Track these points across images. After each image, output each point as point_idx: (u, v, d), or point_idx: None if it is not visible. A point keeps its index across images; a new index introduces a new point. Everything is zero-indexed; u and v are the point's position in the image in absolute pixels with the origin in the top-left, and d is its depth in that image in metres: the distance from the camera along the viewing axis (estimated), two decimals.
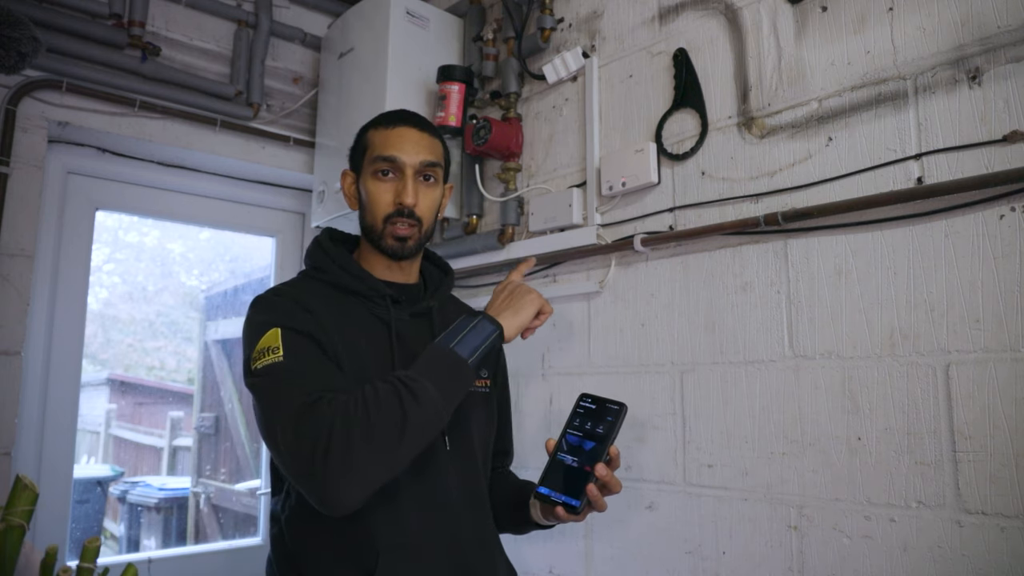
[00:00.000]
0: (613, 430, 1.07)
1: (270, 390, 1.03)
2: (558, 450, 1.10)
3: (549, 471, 1.09)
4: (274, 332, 1.06)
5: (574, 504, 1.04)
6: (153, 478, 2.99)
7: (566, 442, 1.10)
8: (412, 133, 1.23)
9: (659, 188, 1.62)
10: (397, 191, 1.20)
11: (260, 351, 1.05)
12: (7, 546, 0.96)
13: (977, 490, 1.11)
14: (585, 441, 1.08)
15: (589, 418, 1.10)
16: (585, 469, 1.05)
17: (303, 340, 1.07)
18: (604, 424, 1.08)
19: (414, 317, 1.23)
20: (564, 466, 1.08)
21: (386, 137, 1.22)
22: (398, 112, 1.28)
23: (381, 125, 1.25)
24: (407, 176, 1.20)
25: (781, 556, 1.33)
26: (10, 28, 1.51)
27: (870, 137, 1.29)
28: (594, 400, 1.12)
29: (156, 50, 2.06)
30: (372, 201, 1.21)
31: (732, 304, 1.46)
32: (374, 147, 1.23)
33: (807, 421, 1.32)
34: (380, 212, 1.21)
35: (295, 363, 1.04)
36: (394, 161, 1.20)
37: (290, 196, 2.52)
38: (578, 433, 1.10)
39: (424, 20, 2.10)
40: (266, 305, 1.14)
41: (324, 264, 1.22)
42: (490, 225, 2.04)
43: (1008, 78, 1.13)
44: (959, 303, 1.16)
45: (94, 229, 2.12)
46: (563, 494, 1.05)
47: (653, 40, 1.68)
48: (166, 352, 2.92)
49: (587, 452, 1.07)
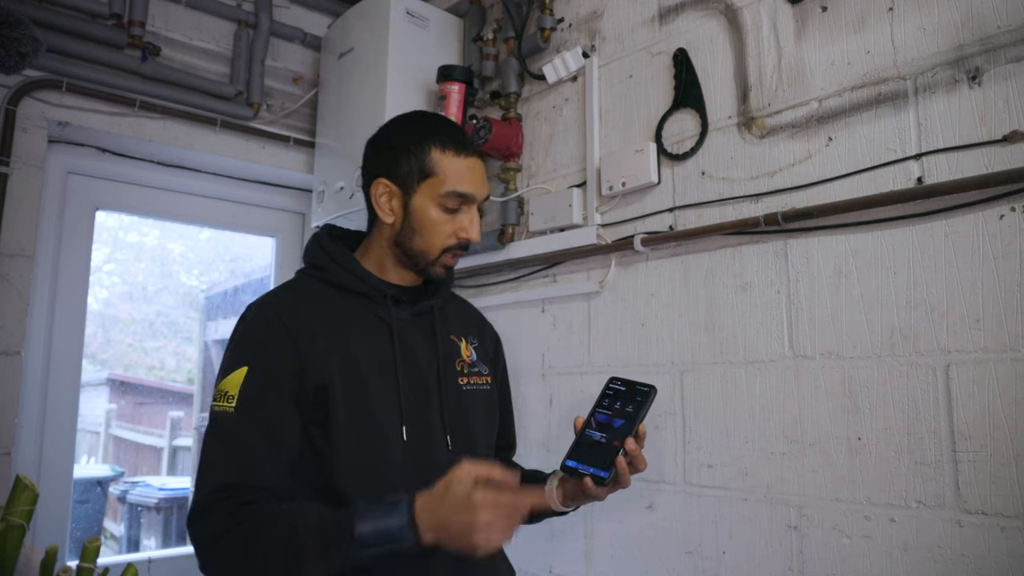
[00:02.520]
0: (642, 409, 1.10)
1: (208, 442, 1.07)
2: (586, 427, 1.12)
3: (577, 446, 1.11)
4: (239, 374, 1.07)
5: (603, 475, 1.06)
6: (153, 478, 2.99)
7: (595, 420, 1.12)
8: (480, 166, 1.21)
9: (659, 188, 1.62)
10: (462, 224, 1.18)
11: (221, 390, 1.08)
12: (7, 546, 0.96)
13: (977, 490, 1.11)
14: (614, 419, 1.11)
15: (618, 399, 1.13)
16: (614, 444, 1.08)
17: (263, 392, 1.07)
18: (633, 404, 1.11)
19: (415, 316, 1.23)
20: (592, 442, 1.10)
21: (462, 170, 1.17)
22: (464, 135, 1.23)
23: (450, 149, 1.17)
24: (474, 212, 1.20)
25: (781, 556, 1.33)
26: (10, 28, 1.51)
27: (870, 137, 1.29)
28: (624, 383, 1.15)
29: (156, 50, 2.06)
30: (433, 231, 1.18)
31: (732, 304, 1.46)
32: (446, 177, 1.16)
33: (807, 421, 1.32)
34: (440, 243, 1.18)
35: (240, 425, 1.05)
36: (470, 200, 1.18)
37: (290, 196, 2.52)
38: (607, 412, 1.12)
39: (424, 20, 2.10)
40: (248, 331, 1.14)
41: (324, 263, 1.21)
42: (490, 225, 2.04)
43: (1008, 78, 1.13)
44: (959, 303, 1.16)
45: (94, 229, 2.12)
46: (591, 466, 1.07)
47: (653, 40, 1.68)
48: (166, 352, 2.92)
49: (616, 429, 1.09)
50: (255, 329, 1.13)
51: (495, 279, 2.01)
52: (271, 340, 1.10)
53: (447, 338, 1.26)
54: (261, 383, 1.07)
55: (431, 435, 1.15)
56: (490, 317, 2.02)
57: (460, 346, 1.28)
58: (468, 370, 1.26)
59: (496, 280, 2.00)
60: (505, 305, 1.96)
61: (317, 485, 1.09)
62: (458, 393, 1.22)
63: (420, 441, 1.14)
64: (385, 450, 1.11)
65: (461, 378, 1.24)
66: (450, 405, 1.19)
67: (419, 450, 1.13)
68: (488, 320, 1.43)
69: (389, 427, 1.12)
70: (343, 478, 1.08)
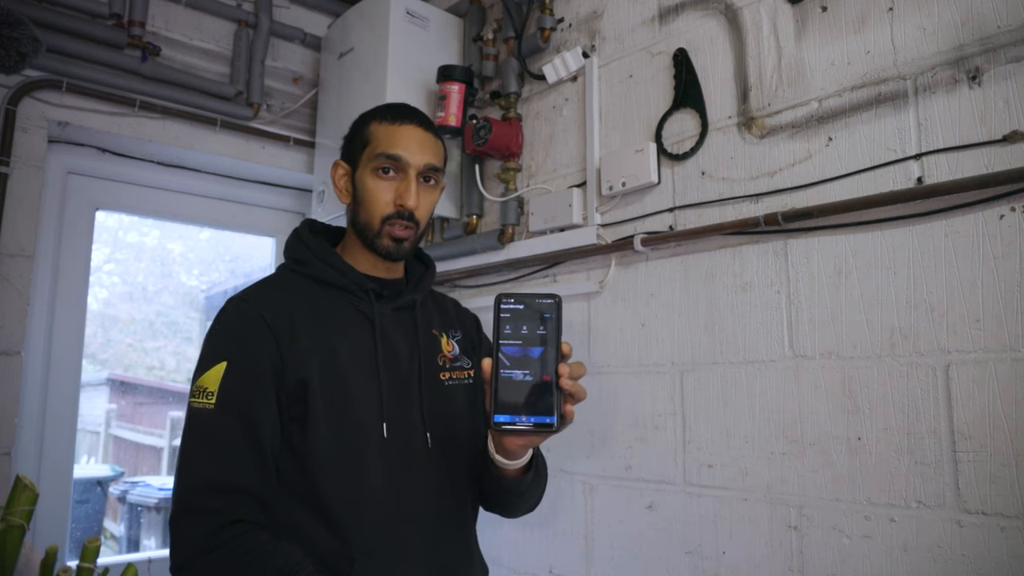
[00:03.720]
0: (557, 326, 0.93)
1: (189, 441, 1.05)
2: (498, 368, 0.91)
3: (498, 395, 0.91)
4: (218, 369, 1.05)
5: (549, 421, 0.89)
6: (153, 478, 2.99)
7: (505, 356, 0.92)
8: (418, 133, 1.20)
9: (659, 188, 1.62)
10: (399, 191, 1.17)
11: (199, 387, 1.06)
12: (7, 546, 0.96)
13: (977, 490, 1.11)
14: (529, 348, 0.92)
15: (523, 321, 0.93)
16: (544, 379, 0.90)
17: (243, 385, 1.05)
18: (544, 323, 0.93)
19: (396, 311, 1.21)
20: (514, 383, 0.91)
21: (392, 134, 1.18)
22: (404, 107, 1.23)
23: (386, 119, 1.19)
24: (410, 177, 1.17)
25: (781, 556, 1.33)
26: (10, 28, 1.51)
27: (870, 137, 1.29)
28: (518, 299, 0.94)
29: (156, 50, 2.06)
30: (370, 199, 1.17)
31: (732, 304, 1.46)
32: (378, 142, 1.18)
33: (807, 421, 1.32)
34: (378, 211, 1.17)
35: (221, 422, 1.03)
36: (398, 160, 1.17)
37: (290, 196, 2.52)
38: (516, 342, 0.92)
39: (424, 20, 2.10)
40: (227, 325, 1.11)
41: (305, 257, 1.20)
42: (490, 225, 2.04)
43: (1008, 78, 1.13)
44: (959, 303, 1.16)
45: (94, 229, 2.12)
46: (530, 415, 0.90)
47: (653, 40, 1.68)
48: (166, 352, 2.92)
49: (537, 360, 0.91)
50: (234, 324, 1.11)
51: (495, 279, 2.01)
52: (251, 335, 1.08)
53: (428, 333, 1.25)
54: (242, 379, 1.05)
55: (411, 433, 1.14)
56: (490, 317, 2.02)
57: (441, 340, 1.26)
58: (450, 365, 1.25)
59: (496, 280, 2.00)
60: None
61: (293, 483, 1.07)
62: (440, 389, 1.21)
63: (400, 439, 1.12)
64: (365, 448, 1.09)
65: (443, 373, 1.23)
66: (431, 402, 1.18)
67: (398, 448, 1.12)
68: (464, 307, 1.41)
69: (370, 425, 1.10)
70: (321, 476, 1.06)
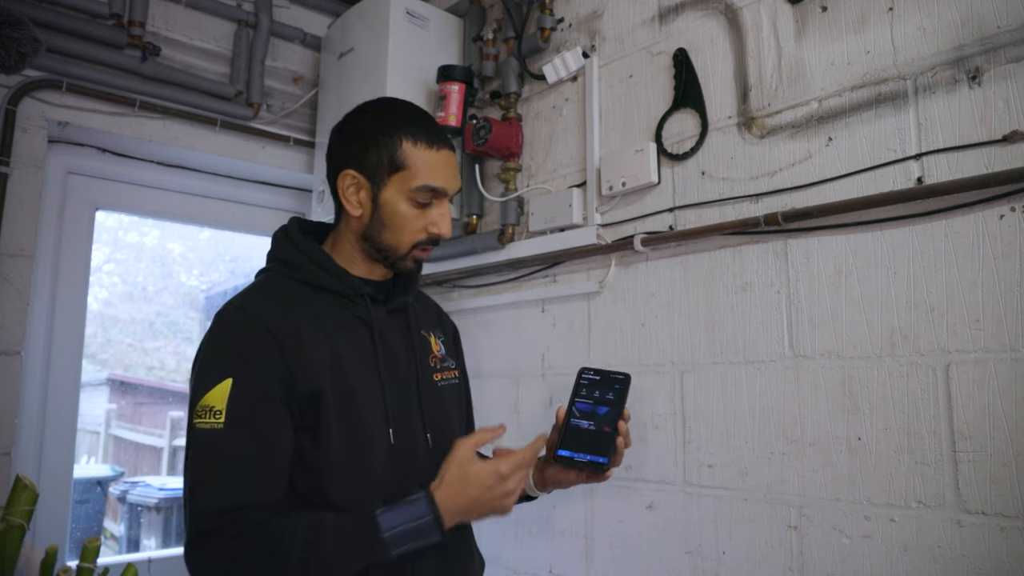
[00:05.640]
0: (623, 396, 1.15)
1: (197, 464, 1.01)
2: (570, 417, 1.15)
3: (566, 435, 1.14)
4: (224, 386, 1.00)
5: (602, 461, 1.10)
6: (153, 478, 2.99)
7: (577, 409, 1.16)
8: (452, 159, 1.15)
9: (659, 188, 1.62)
10: (431, 218, 1.14)
11: (204, 406, 1.00)
12: (7, 546, 0.96)
13: (977, 490, 1.11)
14: (597, 407, 1.15)
15: (595, 387, 1.17)
16: (605, 430, 1.12)
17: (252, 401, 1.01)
18: (613, 391, 1.16)
19: (391, 314, 1.21)
20: (580, 430, 1.14)
21: (433, 163, 1.12)
22: (436, 128, 1.17)
23: (421, 140, 1.12)
24: (445, 205, 1.16)
25: (781, 556, 1.33)
26: (10, 28, 1.51)
27: (870, 137, 1.29)
28: (596, 372, 1.19)
29: (156, 50, 2.06)
30: (402, 225, 1.13)
31: (732, 304, 1.46)
32: (417, 170, 1.11)
33: (807, 421, 1.32)
34: (411, 239, 1.14)
35: (232, 443, 0.99)
36: (440, 192, 1.13)
37: (290, 196, 2.52)
38: (588, 401, 1.16)
39: (424, 20, 2.10)
40: (228, 338, 1.06)
41: (297, 261, 1.16)
42: (490, 225, 2.04)
43: (1008, 78, 1.13)
44: (959, 303, 1.16)
45: (94, 229, 2.12)
46: (588, 454, 1.11)
47: (653, 40, 1.68)
48: (166, 352, 2.92)
49: (602, 416, 1.14)
50: (235, 337, 1.06)
51: (495, 279, 2.01)
52: (256, 347, 1.03)
53: (419, 334, 1.24)
54: (250, 395, 1.01)
55: (413, 436, 1.14)
56: (490, 317, 2.03)
57: (431, 341, 1.26)
58: (440, 365, 1.25)
59: (496, 280, 2.00)
60: (505, 305, 1.96)
61: (303, 491, 1.05)
62: (435, 390, 1.21)
63: (404, 442, 1.12)
64: (373, 454, 1.09)
65: (436, 374, 1.23)
66: (428, 404, 1.18)
67: (402, 451, 1.12)
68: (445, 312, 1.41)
69: (377, 430, 1.10)
70: (332, 483, 1.05)
